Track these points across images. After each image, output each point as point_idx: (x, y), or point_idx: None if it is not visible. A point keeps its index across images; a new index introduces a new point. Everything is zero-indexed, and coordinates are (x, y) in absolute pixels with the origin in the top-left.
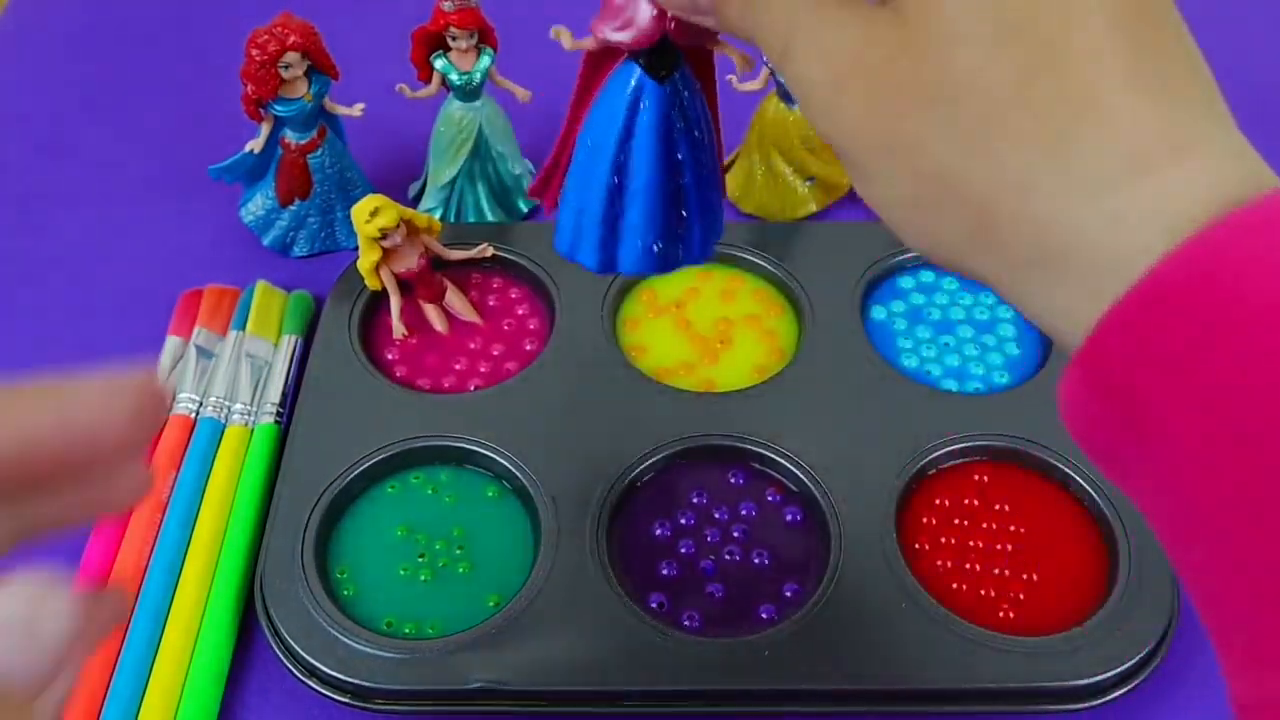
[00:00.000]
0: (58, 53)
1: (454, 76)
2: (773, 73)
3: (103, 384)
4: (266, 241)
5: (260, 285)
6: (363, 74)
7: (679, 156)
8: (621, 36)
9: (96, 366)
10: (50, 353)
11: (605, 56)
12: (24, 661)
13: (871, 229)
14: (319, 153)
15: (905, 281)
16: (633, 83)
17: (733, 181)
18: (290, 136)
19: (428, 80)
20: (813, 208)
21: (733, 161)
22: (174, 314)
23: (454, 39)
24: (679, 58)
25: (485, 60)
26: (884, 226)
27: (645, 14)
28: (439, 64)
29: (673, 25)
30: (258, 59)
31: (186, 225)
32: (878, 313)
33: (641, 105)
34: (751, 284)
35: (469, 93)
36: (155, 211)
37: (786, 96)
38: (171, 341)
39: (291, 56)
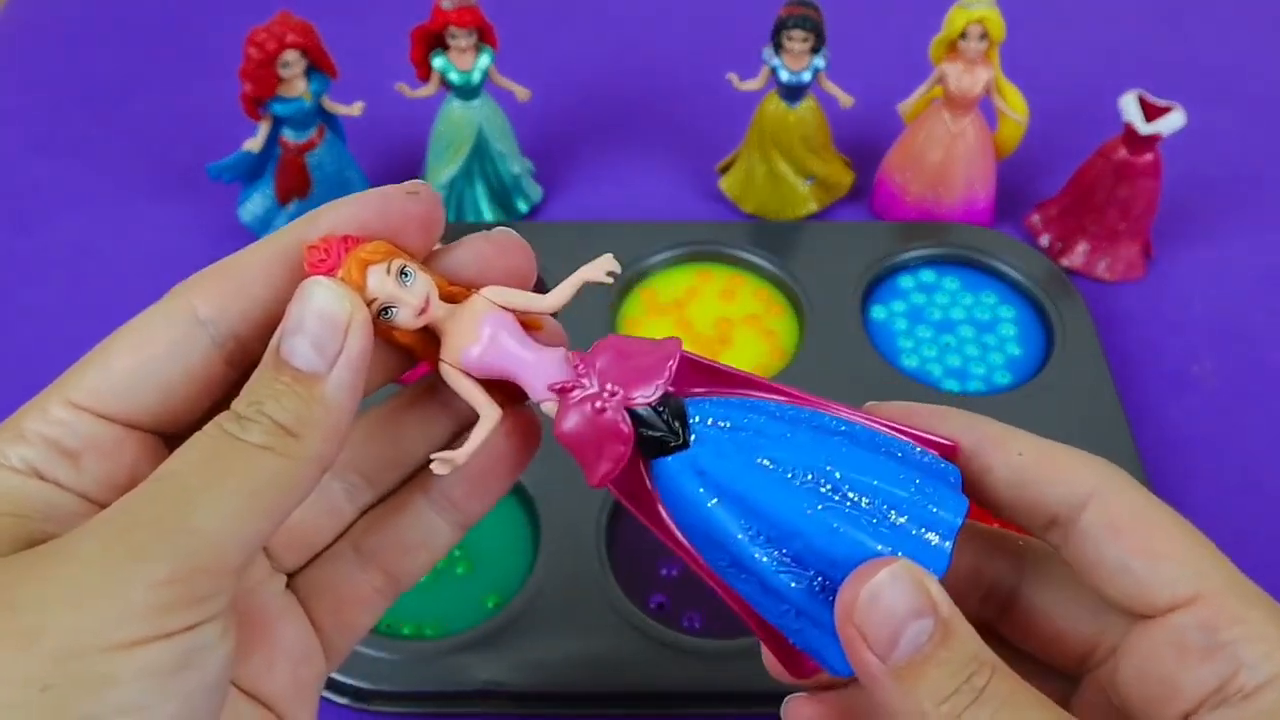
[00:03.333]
0: (57, 52)
1: (453, 75)
2: (774, 71)
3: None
4: None
5: None
6: (362, 73)
7: (789, 470)
8: (604, 467)
9: None
10: (50, 352)
11: (636, 482)
12: (322, 349)
13: (871, 229)
14: (317, 152)
15: (905, 281)
16: (674, 473)
17: (733, 181)
18: (289, 135)
19: (427, 79)
20: (813, 207)
21: (733, 161)
22: None
23: (453, 38)
24: (672, 408)
25: (485, 59)
26: (884, 226)
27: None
28: (438, 63)
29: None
30: (256, 58)
31: (185, 224)
32: (878, 312)
33: (702, 476)
34: (751, 284)
35: (468, 92)
36: (153, 210)
37: (787, 96)
38: None
39: (290, 55)
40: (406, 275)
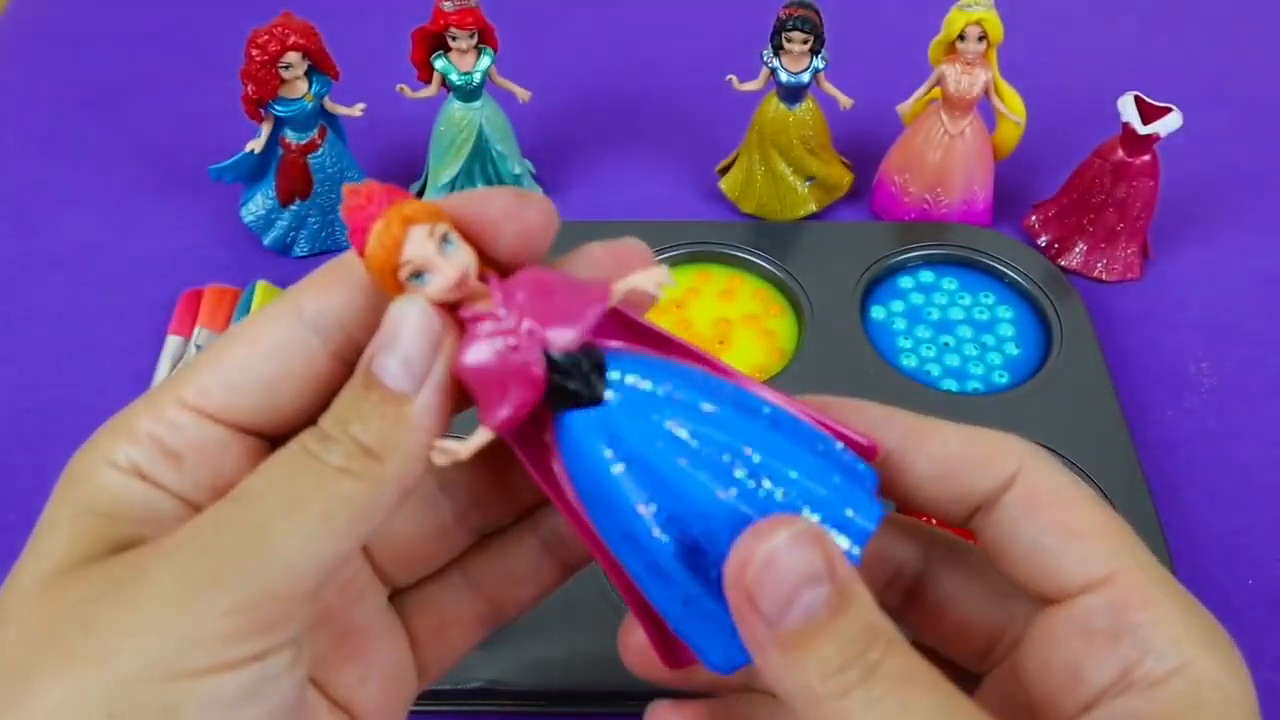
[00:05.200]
0: (58, 53)
1: (454, 77)
2: (773, 72)
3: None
4: (267, 241)
5: (261, 285)
6: (363, 74)
7: (706, 446)
8: (505, 412)
9: (95, 366)
10: (50, 352)
11: (531, 429)
12: (411, 369)
13: (871, 229)
14: (319, 153)
15: (905, 281)
16: (581, 430)
17: (732, 181)
18: (290, 136)
19: (428, 80)
20: (813, 208)
21: (732, 161)
22: (175, 313)
23: (454, 39)
24: (591, 359)
25: (485, 60)
26: (883, 226)
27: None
28: (439, 64)
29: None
30: (258, 59)
31: (187, 225)
32: (877, 313)
33: (612, 438)
34: (751, 284)
35: (469, 93)
36: (155, 211)
37: (786, 97)
38: (172, 341)
39: (292, 56)
40: (449, 243)
